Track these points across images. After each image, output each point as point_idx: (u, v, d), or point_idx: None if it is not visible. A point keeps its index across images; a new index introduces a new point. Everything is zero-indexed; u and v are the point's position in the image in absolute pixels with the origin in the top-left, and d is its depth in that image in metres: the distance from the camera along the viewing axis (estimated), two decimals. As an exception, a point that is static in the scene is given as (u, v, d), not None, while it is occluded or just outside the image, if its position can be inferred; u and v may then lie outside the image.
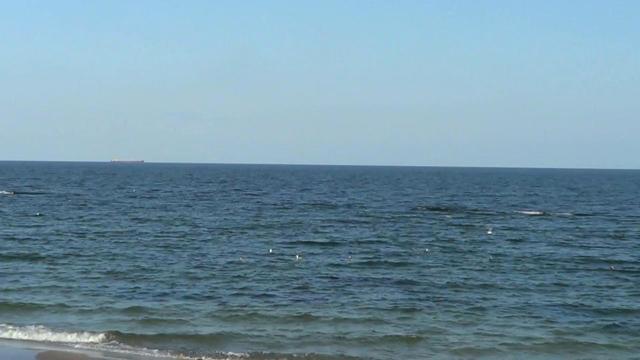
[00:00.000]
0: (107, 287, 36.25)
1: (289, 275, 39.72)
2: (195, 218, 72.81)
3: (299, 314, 30.83)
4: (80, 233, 57.89)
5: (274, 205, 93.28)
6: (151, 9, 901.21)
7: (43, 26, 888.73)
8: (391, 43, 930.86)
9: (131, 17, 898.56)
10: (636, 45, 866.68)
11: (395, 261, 44.98)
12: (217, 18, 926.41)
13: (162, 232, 59.04)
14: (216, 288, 35.98)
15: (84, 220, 68.44)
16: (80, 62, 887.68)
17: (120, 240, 53.59)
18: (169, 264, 43.22)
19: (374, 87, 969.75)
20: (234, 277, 39.04)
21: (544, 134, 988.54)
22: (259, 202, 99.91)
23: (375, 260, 45.36)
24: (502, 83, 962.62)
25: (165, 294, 34.55)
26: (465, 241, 55.22)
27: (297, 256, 46.34)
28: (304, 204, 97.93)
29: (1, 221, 66.93)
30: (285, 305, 32.42)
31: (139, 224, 65.86)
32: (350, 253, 48.27)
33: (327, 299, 33.61)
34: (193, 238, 55.68)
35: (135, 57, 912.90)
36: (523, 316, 31.17)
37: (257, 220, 70.57)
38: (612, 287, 37.54)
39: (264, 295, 34.59)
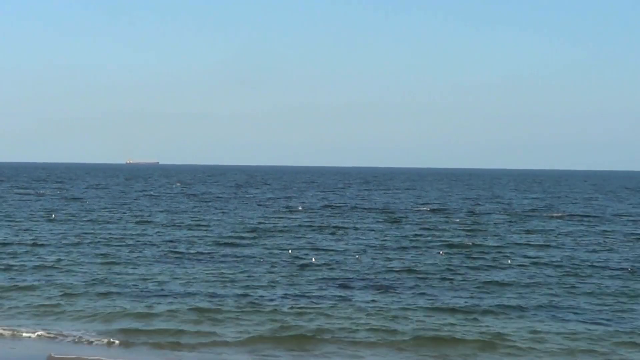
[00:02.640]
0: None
1: (303, 277, 39.38)
2: (212, 220, 72.35)
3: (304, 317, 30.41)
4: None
5: (298, 208, 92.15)
6: (163, 8, 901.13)
7: (55, 26, 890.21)
8: (405, 40, 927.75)
9: (143, 17, 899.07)
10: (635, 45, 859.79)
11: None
12: (228, 16, 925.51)
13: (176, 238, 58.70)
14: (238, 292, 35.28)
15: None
16: (93, 63, 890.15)
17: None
18: (187, 266, 42.92)
19: (382, 85, 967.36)
20: (254, 278, 38.91)
21: (539, 135, 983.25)
22: (279, 204, 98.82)
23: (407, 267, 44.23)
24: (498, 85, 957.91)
25: (183, 297, 33.85)
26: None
27: (313, 258, 46.20)
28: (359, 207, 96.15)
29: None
30: (293, 307, 32.01)
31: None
32: (357, 253, 48.02)
33: (336, 303, 32.94)
34: (213, 241, 55.27)
35: (148, 58, 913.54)
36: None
37: (276, 223, 70.01)
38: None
39: (277, 297, 34.16)
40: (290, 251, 48.58)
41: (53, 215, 73.33)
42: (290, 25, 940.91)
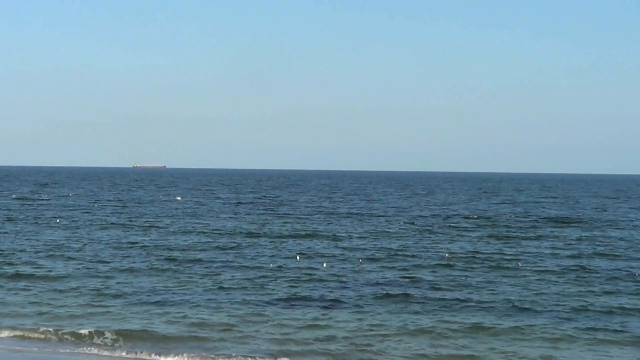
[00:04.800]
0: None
1: (313, 284, 39.02)
2: (224, 226, 71.71)
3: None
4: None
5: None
6: (169, 12, 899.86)
7: (63, 29, 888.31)
8: (411, 44, 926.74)
9: (149, 21, 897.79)
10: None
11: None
12: (234, 19, 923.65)
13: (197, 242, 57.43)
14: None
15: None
16: (100, 66, 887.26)
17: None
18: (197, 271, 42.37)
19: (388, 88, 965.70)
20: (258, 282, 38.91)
21: (538, 138, 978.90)
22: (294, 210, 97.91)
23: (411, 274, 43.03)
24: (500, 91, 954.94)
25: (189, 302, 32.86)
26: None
27: (324, 264, 45.73)
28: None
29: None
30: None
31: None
32: (361, 258, 47.90)
33: (349, 317, 31.97)
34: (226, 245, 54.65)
35: (155, 61, 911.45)
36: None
37: (288, 228, 69.26)
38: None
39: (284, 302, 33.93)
40: (298, 257, 47.85)
41: (58, 220, 72.53)
42: (296, 27, 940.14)
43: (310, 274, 41.88)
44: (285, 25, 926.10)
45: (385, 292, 36.74)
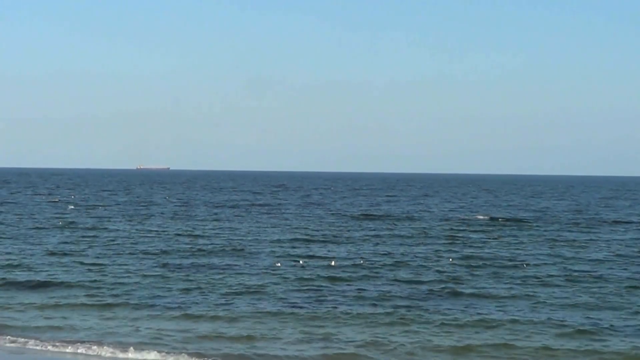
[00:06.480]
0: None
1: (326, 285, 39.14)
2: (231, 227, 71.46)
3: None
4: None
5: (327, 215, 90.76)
6: (172, 11, 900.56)
7: (65, 31, 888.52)
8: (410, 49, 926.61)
9: (152, 22, 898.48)
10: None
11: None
12: (236, 21, 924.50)
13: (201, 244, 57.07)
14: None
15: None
16: (103, 67, 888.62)
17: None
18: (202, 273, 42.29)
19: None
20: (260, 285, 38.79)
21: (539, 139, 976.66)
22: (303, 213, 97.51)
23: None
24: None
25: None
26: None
27: (333, 262, 46.26)
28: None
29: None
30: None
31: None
32: (363, 258, 48.20)
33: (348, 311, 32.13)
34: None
35: (158, 63, 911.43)
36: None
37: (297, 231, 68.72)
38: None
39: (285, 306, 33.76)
40: (301, 262, 47.45)
41: (60, 223, 72.05)
42: (298, 27, 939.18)
43: (315, 278, 41.36)
44: (287, 25, 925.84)
45: (391, 300, 36.03)
